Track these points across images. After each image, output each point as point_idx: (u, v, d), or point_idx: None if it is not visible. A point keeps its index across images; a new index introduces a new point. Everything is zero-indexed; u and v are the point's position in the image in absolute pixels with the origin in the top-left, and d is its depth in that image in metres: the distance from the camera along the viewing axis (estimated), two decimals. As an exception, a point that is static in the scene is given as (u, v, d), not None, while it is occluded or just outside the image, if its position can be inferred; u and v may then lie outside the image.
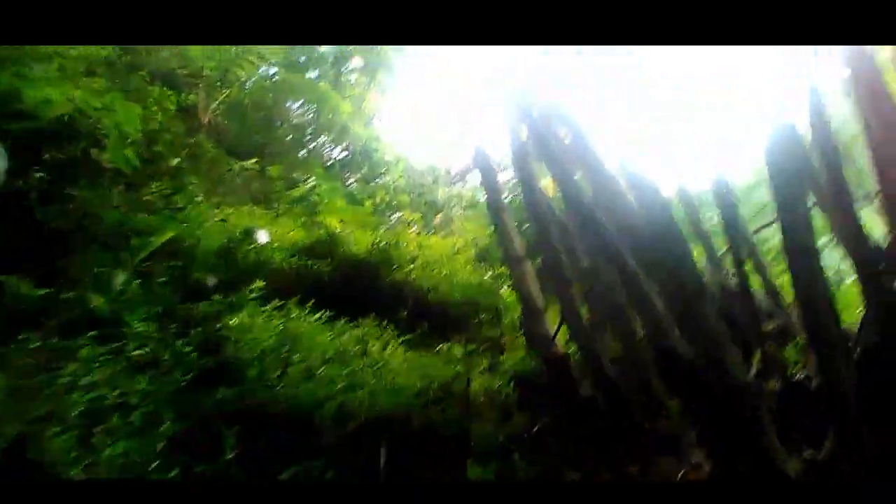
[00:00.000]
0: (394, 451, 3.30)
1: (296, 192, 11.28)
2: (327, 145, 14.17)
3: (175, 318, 4.65)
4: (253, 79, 13.16)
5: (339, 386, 3.73)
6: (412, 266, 6.17)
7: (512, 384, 4.51)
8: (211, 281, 5.10)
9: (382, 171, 12.53)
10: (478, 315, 5.95)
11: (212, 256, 5.77)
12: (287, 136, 13.00)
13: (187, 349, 3.96)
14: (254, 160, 11.10)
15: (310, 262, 5.75)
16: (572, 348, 4.89)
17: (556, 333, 4.88)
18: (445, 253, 7.29)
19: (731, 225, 5.37)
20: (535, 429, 4.09)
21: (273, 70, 13.46)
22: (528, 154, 5.28)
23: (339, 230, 6.57)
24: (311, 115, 13.76)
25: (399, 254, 6.22)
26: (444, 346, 5.08)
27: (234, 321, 4.13)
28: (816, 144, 4.29)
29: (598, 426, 4.20)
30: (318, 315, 4.71)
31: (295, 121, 14.08)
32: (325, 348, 4.29)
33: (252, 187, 11.38)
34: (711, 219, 11.30)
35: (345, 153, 13.36)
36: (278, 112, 13.13)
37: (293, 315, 4.67)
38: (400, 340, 4.93)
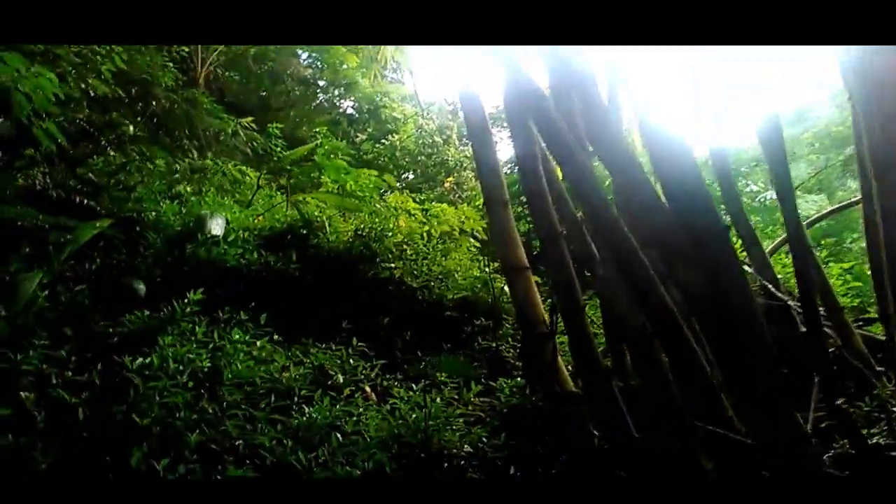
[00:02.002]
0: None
1: (296, 154, 10.08)
2: (335, 100, 12.82)
3: (86, 342, 3.61)
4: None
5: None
6: (398, 263, 4.98)
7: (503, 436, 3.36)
8: (140, 288, 3.99)
9: (390, 129, 11.19)
10: (473, 322, 4.78)
11: (162, 250, 4.66)
12: (290, 91, 11.65)
13: (74, 400, 2.90)
14: (250, 119, 9.89)
15: (272, 259, 4.60)
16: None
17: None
18: (446, 231, 6.09)
19: (789, 212, 3.90)
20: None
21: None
22: (528, 130, 3.99)
23: (317, 214, 5.38)
24: (319, 67, 12.36)
25: (383, 246, 5.02)
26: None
27: (138, 361, 3.02)
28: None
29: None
30: (262, 341, 3.58)
31: (302, 74, 12.69)
32: (260, 390, 3.20)
33: (249, 146, 10.23)
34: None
35: (352, 111, 12.02)
36: (282, 64, 11.77)
37: (234, 337, 3.55)
38: (370, 366, 3.80)
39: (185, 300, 3.73)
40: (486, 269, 5.14)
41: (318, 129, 11.18)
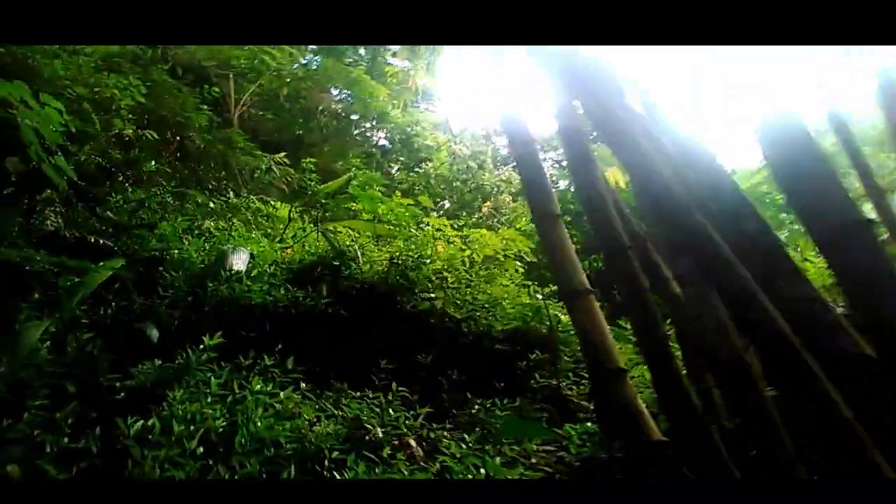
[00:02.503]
0: None
1: (331, 187, 9.66)
2: (368, 132, 12.43)
3: (89, 399, 3.09)
4: (286, 68, 11.54)
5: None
6: (439, 292, 4.36)
7: None
8: (153, 334, 3.47)
9: (424, 157, 10.70)
10: (527, 354, 4.11)
11: (181, 290, 4.16)
12: (324, 127, 11.31)
13: (63, 475, 2.36)
14: (283, 154, 9.54)
15: (301, 295, 4.05)
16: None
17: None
18: (489, 256, 5.48)
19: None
20: None
21: (306, 58, 11.79)
22: (582, 136, 3.39)
23: (349, 243, 4.83)
24: (350, 101, 12.04)
25: (422, 274, 4.43)
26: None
27: (137, 425, 2.48)
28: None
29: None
30: (287, 391, 3.00)
31: (334, 109, 12.40)
32: (285, 451, 2.60)
33: (284, 182, 9.88)
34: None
35: (384, 142, 11.60)
36: (314, 100, 11.47)
37: (255, 388, 2.98)
38: (413, 415, 3.17)
39: (202, 346, 3.20)
40: (539, 295, 4.48)
41: (352, 162, 10.79)
